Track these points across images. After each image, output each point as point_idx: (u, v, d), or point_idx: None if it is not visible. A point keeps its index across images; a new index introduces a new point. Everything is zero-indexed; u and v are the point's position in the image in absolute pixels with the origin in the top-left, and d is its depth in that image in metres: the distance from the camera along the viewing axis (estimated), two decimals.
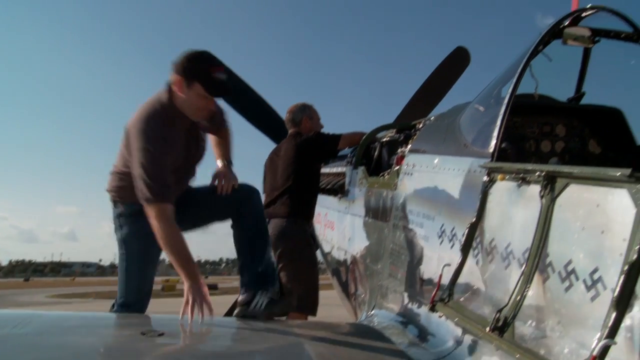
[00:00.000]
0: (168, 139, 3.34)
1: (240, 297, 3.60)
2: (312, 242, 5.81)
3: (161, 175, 3.26)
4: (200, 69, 3.32)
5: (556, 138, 3.83)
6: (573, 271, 2.13)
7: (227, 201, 3.71)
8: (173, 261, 3.27)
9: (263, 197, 4.67)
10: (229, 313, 4.67)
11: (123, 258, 3.71)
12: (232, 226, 3.77)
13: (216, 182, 3.75)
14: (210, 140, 3.97)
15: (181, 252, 3.27)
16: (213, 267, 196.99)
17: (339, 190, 5.43)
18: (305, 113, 5.28)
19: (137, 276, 3.71)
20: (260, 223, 3.80)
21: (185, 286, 3.22)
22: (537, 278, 2.31)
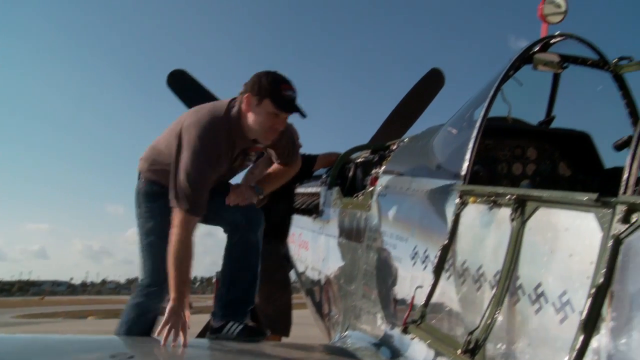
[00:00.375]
0: (222, 157, 3.35)
1: (212, 322, 3.57)
2: (286, 262, 5.77)
3: (202, 191, 3.25)
4: (270, 85, 3.28)
5: (527, 161, 3.89)
6: (543, 294, 2.16)
7: (230, 215, 3.60)
8: (170, 272, 3.21)
9: None
10: (201, 334, 4.61)
11: (143, 236, 3.63)
12: (225, 245, 3.69)
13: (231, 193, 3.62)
14: (270, 160, 3.94)
15: (182, 267, 3.22)
16: None
17: (313, 210, 5.43)
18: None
19: (156, 254, 3.52)
20: (251, 256, 3.67)
21: (169, 305, 3.17)
22: (508, 300, 2.33)
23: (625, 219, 1.84)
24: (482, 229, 2.59)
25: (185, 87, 6.05)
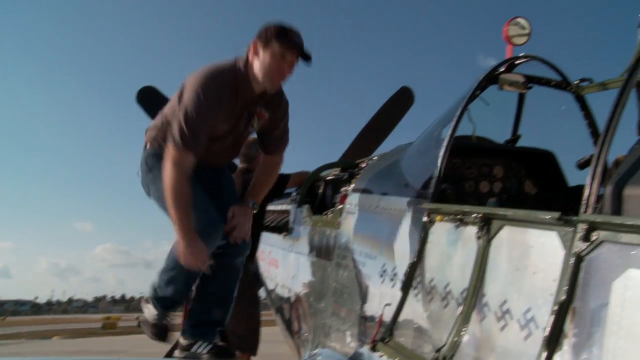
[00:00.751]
0: (224, 101, 3.24)
1: (181, 340, 3.52)
2: (255, 280, 5.74)
3: (199, 127, 3.16)
4: (277, 29, 3.23)
5: (494, 179, 3.96)
6: (508, 311, 2.20)
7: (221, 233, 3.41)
8: (171, 212, 3.17)
9: None
10: (169, 353, 4.55)
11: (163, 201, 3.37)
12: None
13: (230, 224, 3.49)
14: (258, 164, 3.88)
15: (181, 204, 3.15)
16: None
17: (283, 228, 5.42)
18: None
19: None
20: (233, 281, 3.60)
21: (180, 246, 3.20)
22: (474, 318, 2.36)
23: (586, 237, 1.89)
24: (449, 247, 2.62)
25: (155, 104, 6.01)
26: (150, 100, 6.05)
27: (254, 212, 3.63)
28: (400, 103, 7.09)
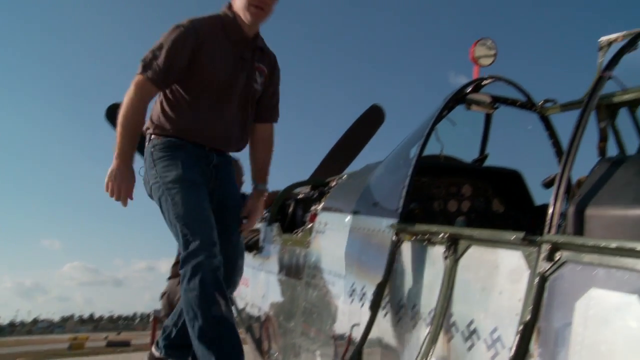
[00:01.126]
0: (200, 36, 3.09)
1: (154, 351, 3.46)
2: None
3: (168, 59, 3.02)
4: None
5: (462, 198, 3.99)
6: (475, 331, 2.21)
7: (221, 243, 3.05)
8: (118, 131, 3.03)
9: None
10: None
11: (166, 195, 3.06)
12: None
13: (244, 217, 3.41)
14: (250, 142, 3.56)
15: (129, 127, 3.02)
16: (126, 322, 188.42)
17: (253, 246, 5.39)
18: (238, 172, 5.26)
19: (191, 204, 3.03)
20: None
21: (112, 166, 3.02)
22: (442, 337, 2.37)
23: (550, 257, 1.92)
24: (417, 266, 2.63)
25: None
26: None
27: (267, 193, 3.57)
28: (370, 121, 7.12)
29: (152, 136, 3.25)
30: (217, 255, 2.93)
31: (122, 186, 2.99)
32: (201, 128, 3.19)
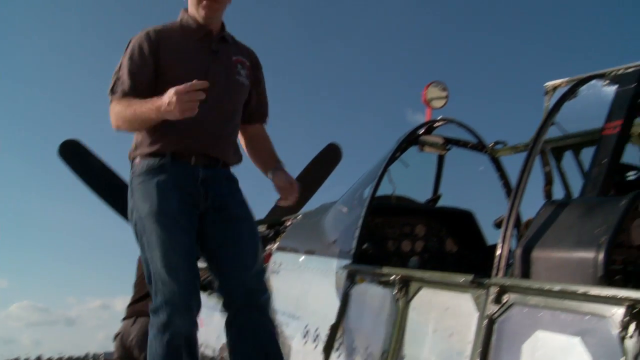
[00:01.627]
0: (155, 37, 2.78)
1: None
2: None
3: (129, 70, 2.73)
4: None
5: (416, 238, 4.02)
6: None
7: (238, 276, 2.74)
8: (129, 125, 2.70)
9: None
10: None
11: (141, 235, 2.69)
12: (225, 328, 2.81)
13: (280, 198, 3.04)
14: (245, 145, 3.12)
15: (138, 110, 2.62)
16: None
17: (208, 286, 5.30)
18: None
19: (163, 253, 2.58)
20: (271, 347, 2.74)
21: (161, 105, 2.52)
22: None
23: (497, 300, 1.95)
24: (370, 308, 2.64)
25: (78, 159, 5.83)
26: (74, 155, 5.87)
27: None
28: (327, 160, 7.15)
29: (134, 161, 2.84)
30: (187, 311, 2.60)
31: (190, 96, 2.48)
32: (180, 132, 2.70)
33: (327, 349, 2.82)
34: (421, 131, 3.60)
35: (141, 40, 2.78)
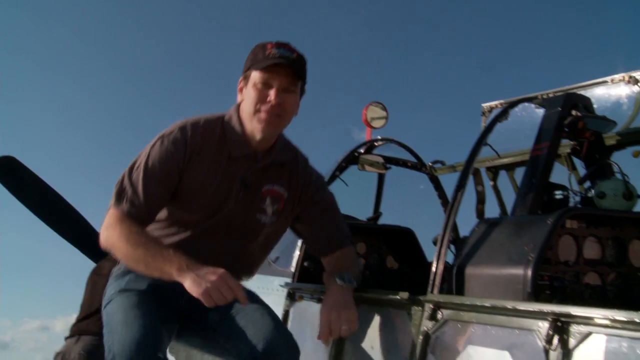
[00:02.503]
0: (190, 148, 2.23)
1: None
2: None
3: (147, 187, 2.17)
4: (254, 50, 2.27)
5: (357, 255, 4.07)
6: None
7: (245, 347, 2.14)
8: (142, 268, 2.12)
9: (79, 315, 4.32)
10: None
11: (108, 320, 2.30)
12: None
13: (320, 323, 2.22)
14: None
15: (149, 258, 2.06)
16: None
17: None
18: None
19: (122, 316, 2.16)
20: None
21: (185, 281, 1.98)
22: None
23: (432, 316, 2.00)
24: (309, 325, 2.64)
25: (13, 176, 5.64)
26: (8, 172, 5.68)
27: (354, 287, 2.31)
28: None
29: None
30: None
31: (224, 284, 1.97)
32: None
33: None
34: (361, 150, 3.66)
35: (175, 149, 2.21)
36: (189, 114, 2.35)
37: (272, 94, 2.18)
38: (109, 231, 2.15)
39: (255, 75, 2.20)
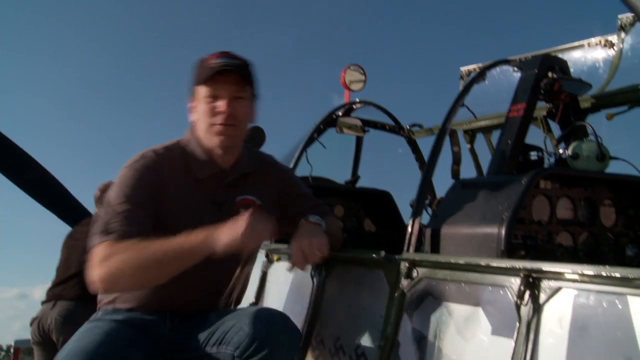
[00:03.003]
0: (160, 174, 2.14)
1: None
2: None
3: (130, 214, 2.03)
4: (196, 67, 2.19)
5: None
6: (341, 347, 2.28)
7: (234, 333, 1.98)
8: (175, 267, 1.96)
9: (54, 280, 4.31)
10: None
11: None
12: None
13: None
14: None
15: (168, 255, 1.93)
16: None
17: None
18: None
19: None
20: None
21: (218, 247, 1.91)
22: (310, 355, 2.41)
23: (408, 275, 2.02)
24: (287, 286, 2.68)
25: None
26: None
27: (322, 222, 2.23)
28: (251, 143, 7.11)
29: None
30: None
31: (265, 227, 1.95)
32: (159, 298, 2.12)
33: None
34: (339, 113, 3.65)
35: (146, 172, 2.13)
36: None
37: (222, 104, 2.12)
38: (107, 262, 1.92)
39: (202, 90, 2.14)
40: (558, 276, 1.54)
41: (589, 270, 1.44)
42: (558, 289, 1.54)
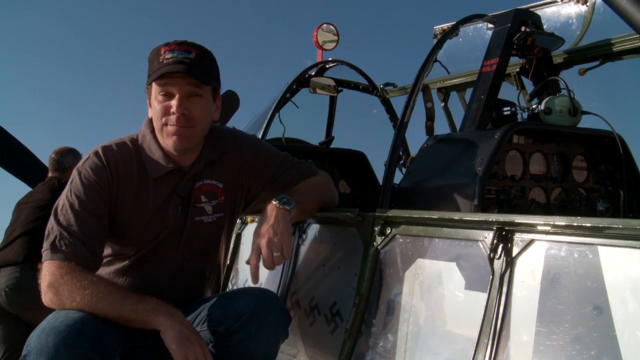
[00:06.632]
0: (115, 179, 1.99)
1: None
2: None
3: (80, 227, 1.90)
4: (149, 59, 2.01)
5: None
6: (316, 307, 2.27)
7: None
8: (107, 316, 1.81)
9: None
10: None
11: None
12: None
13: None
14: None
15: (114, 304, 1.80)
16: None
17: None
18: (76, 160, 4.84)
19: None
20: None
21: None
22: None
23: (382, 232, 2.01)
24: None
25: None
26: None
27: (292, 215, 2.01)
28: (225, 107, 7.00)
29: None
30: None
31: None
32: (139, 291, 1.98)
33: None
34: (312, 72, 3.60)
35: (97, 176, 1.98)
36: None
37: (174, 104, 1.93)
38: (57, 288, 1.82)
39: (154, 87, 1.97)
40: (530, 228, 1.54)
41: (560, 221, 1.44)
42: (531, 242, 1.54)
